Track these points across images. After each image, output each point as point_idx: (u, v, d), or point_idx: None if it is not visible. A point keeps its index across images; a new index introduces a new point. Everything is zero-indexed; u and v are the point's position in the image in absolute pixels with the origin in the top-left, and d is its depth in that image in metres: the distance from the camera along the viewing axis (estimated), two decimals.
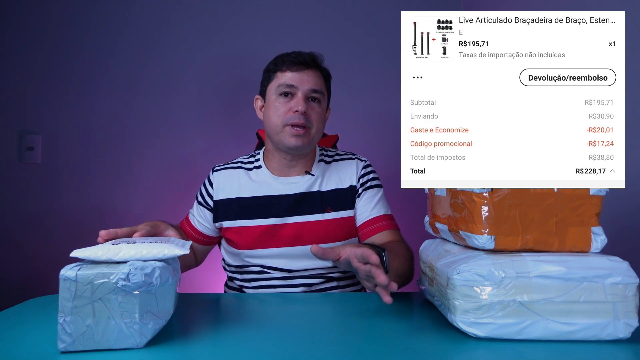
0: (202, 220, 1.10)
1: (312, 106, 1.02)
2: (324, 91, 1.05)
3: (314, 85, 1.02)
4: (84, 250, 0.60)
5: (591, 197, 0.66)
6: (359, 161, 1.12)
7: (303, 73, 1.01)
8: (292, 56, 1.03)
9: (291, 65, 1.02)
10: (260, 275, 1.05)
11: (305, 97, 1.01)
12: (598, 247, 0.67)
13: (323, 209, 1.05)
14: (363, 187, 1.08)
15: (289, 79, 1.01)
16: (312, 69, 1.03)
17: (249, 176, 1.09)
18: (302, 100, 1.00)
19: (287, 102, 1.01)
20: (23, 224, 1.73)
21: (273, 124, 1.02)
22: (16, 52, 1.74)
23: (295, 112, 0.99)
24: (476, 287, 0.61)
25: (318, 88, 1.02)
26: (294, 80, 1.01)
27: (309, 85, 1.01)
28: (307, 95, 1.01)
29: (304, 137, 1.00)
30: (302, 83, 1.01)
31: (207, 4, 1.85)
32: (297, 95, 1.00)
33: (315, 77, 1.03)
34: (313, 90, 1.01)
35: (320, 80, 1.04)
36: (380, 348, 0.61)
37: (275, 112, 1.01)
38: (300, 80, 1.01)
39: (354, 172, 1.09)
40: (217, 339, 0.64)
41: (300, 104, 0.99)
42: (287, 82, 1.01)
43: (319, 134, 1.05)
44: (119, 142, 1.80)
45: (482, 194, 0.66)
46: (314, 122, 1.02)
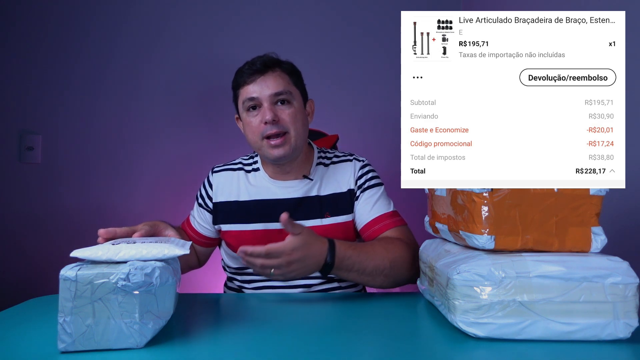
0: (203, 222, 1.10)
1: (282, 109, 0.99)
2: (289, 90, 1.00)
3: (275, 88, 0.98)
4: (84, 250, 0.60)
5: (591, 197, 0.66)
6: (356, 162, 1.10)
7: (260, 81, 0.98)
8: (246, 67, 1.00)
9: (247, 77, 0.99)
10: (259, 277, 1.04)
11: (271, 103, 0.98)
12: (598, 247, 0.67)
13: (322, 214, 1.04)
14: (361, 189, 1.06)
15: (250, 92, 0.98)
16: (268, 72, 0.99)
17: (248, 179, 1.08)
18: (267, 110, 0.97)
19: (255, 116, 0.99)
20: (23, 224, 1.73)
21: (252, 141, 1.01)
22: (16, 52, 1.74)
23: (266, 124, 0.97)
24: (476, 287, 0.61)
25: (280, 89, 0.98)
26: (254, 91, 0.98)
27: (270, 91, 0.98)
28: (271, 101, 0.98)
29: (284, 145, 0.98)
30: (262, 91, 0.98)
31: (208, 5, 1.85)
32: (263, 106, 0.98)
33: (274, 79, 0.99)
34: (275, 94, 0.98)
35: (281, 81, 0.99)
36: (380, 348, 0.61)
37: (250, 128, 1.00)
38: (260, 89, 0.98)
39: (351, 175, 1.07)
40: (217, 339, 0.64)
41: (267, 113, 0.96)
42: (248, 95, 0.99)
43: (300, 135, 1.01)
44: (118, 142, 1.80)
45: (482, 194, 0.66)
46: (290, 125, 0.98)
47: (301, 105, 1.04)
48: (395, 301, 0.85)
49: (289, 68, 1.03)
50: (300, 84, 1.06)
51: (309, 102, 1.08)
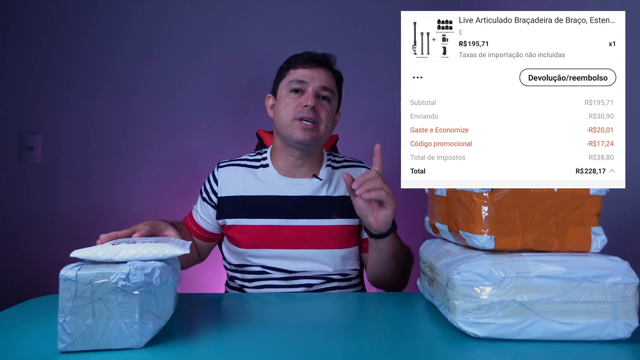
0: (205, 217, 1.10)
1: (322, 103, 1.04)
2: (334, 90, 1.07)
3: (325, 82, 1.04)
4: (84, 250, 0.60)
5: (591, 197, 0.66)
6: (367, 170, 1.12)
7: (314, 70, 1.04)
8: (305, 55, 1.06)
9: (303, 62, 1.04)
10: (260, 275, 1.05)
11: (316, 93, 1.02)
12: (598, 247, 0.67)
13: (329, 215, 1.05)
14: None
15: (301, 75, 1.03)
16: (323, 67, 1.05)
17: (255, 174, 1.09)
18: (312, 96, 1.01)
19: (297, 98, 1.03)
20: (23, 224, 1.73)
21: (282, 118, 1.03)
22: (16, 52, 1.74)
23: (305, 107, 1.00)
24: (476, 287, 0.61)
25: (329, 86, 1.04)
26: (305, 76, 1.03)
27: (320, 82, 1.03)
28: (317, 92, 1.03)
29: (313, 131, 1.01)
30: (313, 79, 1.03)
31: (209, 4, 1.85)
32: (308, 91, 1.02)
33: (326, 75, 1.05)
34: (324, 88, 1.03)
35: (331, 80, 1.06)
36: (380, 348, 0.61)
37: (285, 107, 1.03)
38: (311, 77, 1.03)
39: None
40: (217, 339, 0.64)
41: (310, 98, 1.01)
42: (298, 78, 1.03)
43: (327, 133, 1.05)
44: (119, 142, 1.80)
45: (482, 194, 0.66)
46: (323, 119, 1.03)
47: (334, 110, 1.09)
48: (395, 301, 0.85)
49: (339, 75, 1.11)
50: (341, 92, 1.12)
51: (338, 113, 1.13)
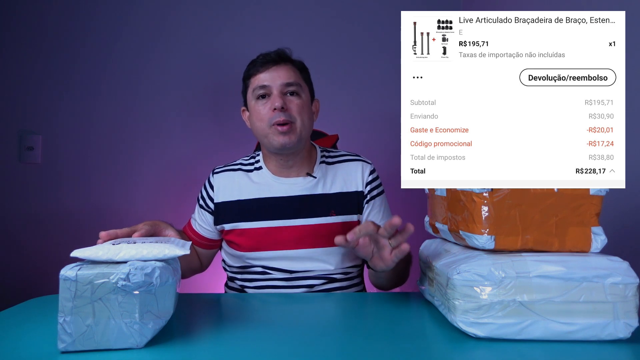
0: (204, 224, 1.10)
1: (291, 99, 1.01)
2: (299, 82, 1.03)
3: (286, 78, 1.01)
4: (84, 250, 0.60)
5: (591, 197, 0.66)
6: (365, 164, 1.11)
7: (272, 70, 1.01)
8: (260, 58, 1.03)
9: (260, 66, 1.02)
10: (262, 276, 1.04)
11: (281, 92, 1.00)
12: (598, 247, 0.67)
13: (327, 212, 1.04)
14: (371, 194, 1.08)
15: (261, 80, 1.01)
16: (281, 64, 1.02)
17: (250, 178, 1.09)
18: (277, 97, 0.99)
19: (265, 104, 1.01)
20: (23, 224, 1.73)
21: (258, 128, 1.02)
22: (16, 52, 1.74)
23: (274, 111, 0.99)
24: (476, 287, 0.61)
25: (292, 80, 1.01)
26: (266, 79, 1.01)
27: (281, 80, 1.00)
28: (282, 90, 1.00)
29: (290, 133, 0.99)
30: (274, 80, 1.00)
31: (209, 3, 1.85)
32: (273, 94, 1.00)
33: (286, 71, 1.02)
34: (287, 84, 1.00)
35: (293, 73, 1.03)
36: (381, 348, 0.61)
37: (258, 116, 1.01)
38: (272, 78, 1.01)
39: (359, 176, 1.08)
40: (217, 339, 0.64)
41: (277, 100, 0.99)
42: (259, 83, 1.01)
43: (306, 127, 1.03)
44: (119, 142, 1.80)
45: (482, 194, 0.66)
46: (297, 115, 1.00)
47: (309, 100, 1.07)
48: (395, 301, 0.85)
49: (300, 65, 1.07)
50: (309, 81, 1.09)
51: (315, 101, 1.11)
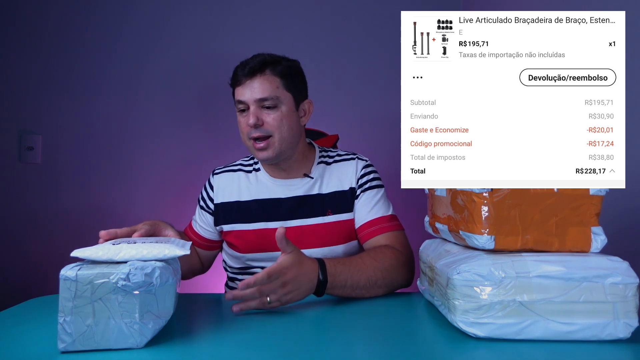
0: (205, 225, 1.10)
1: (267, 113, 0.98)
2: (276, 95, 0.98)
3: (261, 93, 0.97)
4: (84, 250, 0.60)
5: (591, 197, 0.66)
6: (359, 161, 1.10)
7: (247, 85, 0.98)
8: (239, 69, 1.00)
9: (239, 79, 0.99)
10: None
11: (257, 107, 0.98)
12: (598, 247, 0.67)
13: (324, 212, 1.04)
14: (361, 188, 1.06)
15: (239, 94, 0.99)
16: (256, 77, 0.98)
17: (249, 179, 1.09)
18: (251, 114, 0.97)
19: (244, 118, 1.00)
20: (23, 224, 1.73)
21: (242, 140, 1.03)
22: (16, 52, 1.74)
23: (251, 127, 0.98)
24: (476, 287, 0.61)
25: (266, 95, 0.97)
26: (243, 95, 0.99)
27: (255, 96, 0.97)
28: (257, 105, 0.98)
29: (268, 149, 0.98)
30: (251, 95, 0.98)
31: (208, 4, 1.85)
32: (249, 110, 0.98)
33: (261, 84, 0.97)
34: (261, 100, 0.97)
35: (268, 85, 0.98)
36: (381, 348, 0.61)
37: (240, 128, 1.02)
38: (247, 93, 0.98)
39: (353, 173, 1.08)
40: (217, 339, 0.64)
41: (251, 117, 0.97)
42: (238, 97, 1.00)
43: (285, 139, 0.99)
44: (119, 142, 1.80)
45: (482, 194, 0.66)
46: (274, 129, 0.98)
47: (291, 109, 1.01)
48: (395, 301, 0.85)
49: (282, 70, 1.00)
50: (293, 86, 1.02)
51: (306, 102, 1.07)
